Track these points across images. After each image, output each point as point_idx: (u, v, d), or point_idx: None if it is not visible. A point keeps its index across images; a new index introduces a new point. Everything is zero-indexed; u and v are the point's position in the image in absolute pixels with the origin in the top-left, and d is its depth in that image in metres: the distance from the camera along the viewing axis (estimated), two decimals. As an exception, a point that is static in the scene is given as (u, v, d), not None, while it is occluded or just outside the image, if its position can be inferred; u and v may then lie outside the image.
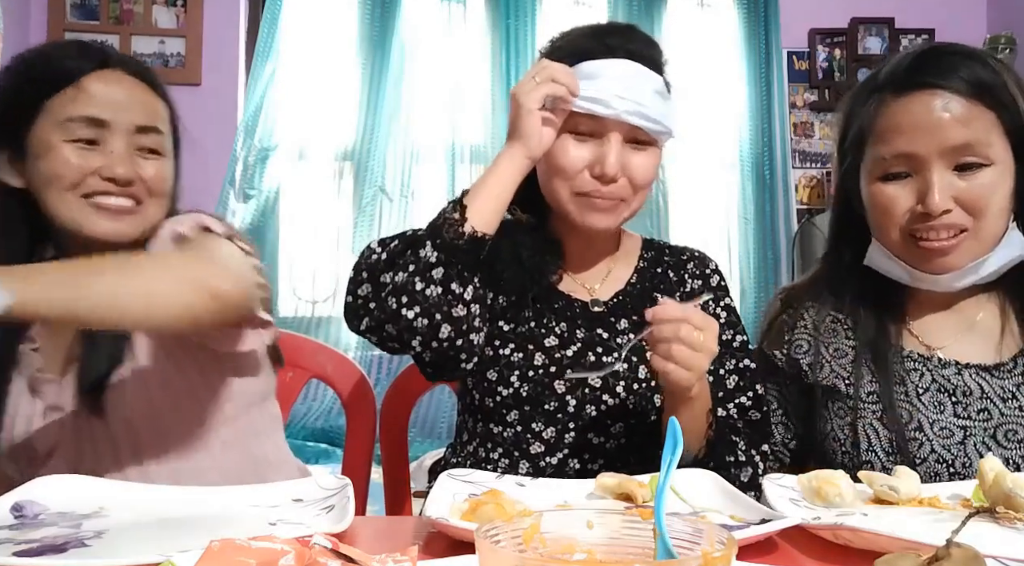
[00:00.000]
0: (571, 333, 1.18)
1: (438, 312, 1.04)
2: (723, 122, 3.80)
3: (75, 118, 1.04)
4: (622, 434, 1.15)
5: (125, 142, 1.06)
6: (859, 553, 0.75)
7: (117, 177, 1.04)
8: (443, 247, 1.06)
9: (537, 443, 1.15)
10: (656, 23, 3.78)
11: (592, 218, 1.15)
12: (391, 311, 1.04)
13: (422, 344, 1.06)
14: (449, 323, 1.05)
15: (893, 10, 3.88)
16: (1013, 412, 1.06)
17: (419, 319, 1.04)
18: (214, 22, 3.59)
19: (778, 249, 3.73)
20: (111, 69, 1.08)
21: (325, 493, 0.93)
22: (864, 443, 1.09)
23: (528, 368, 1.15)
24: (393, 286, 1.05)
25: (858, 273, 1.15)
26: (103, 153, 1.05)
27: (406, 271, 1.05)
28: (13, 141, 1.06)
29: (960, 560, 0.57)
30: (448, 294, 1.05)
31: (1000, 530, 0.82)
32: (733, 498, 0.92)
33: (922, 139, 1.02)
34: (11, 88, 1.07)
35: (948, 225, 1.03)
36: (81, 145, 1.04)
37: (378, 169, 3.62)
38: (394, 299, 1.04)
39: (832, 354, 1.15)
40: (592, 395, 1.15)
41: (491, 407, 1.17)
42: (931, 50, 1.08)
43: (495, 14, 3.73)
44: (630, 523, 0.57)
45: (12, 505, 0.85)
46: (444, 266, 1.05)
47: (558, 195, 1.16)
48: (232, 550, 0.58)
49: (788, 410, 1.20)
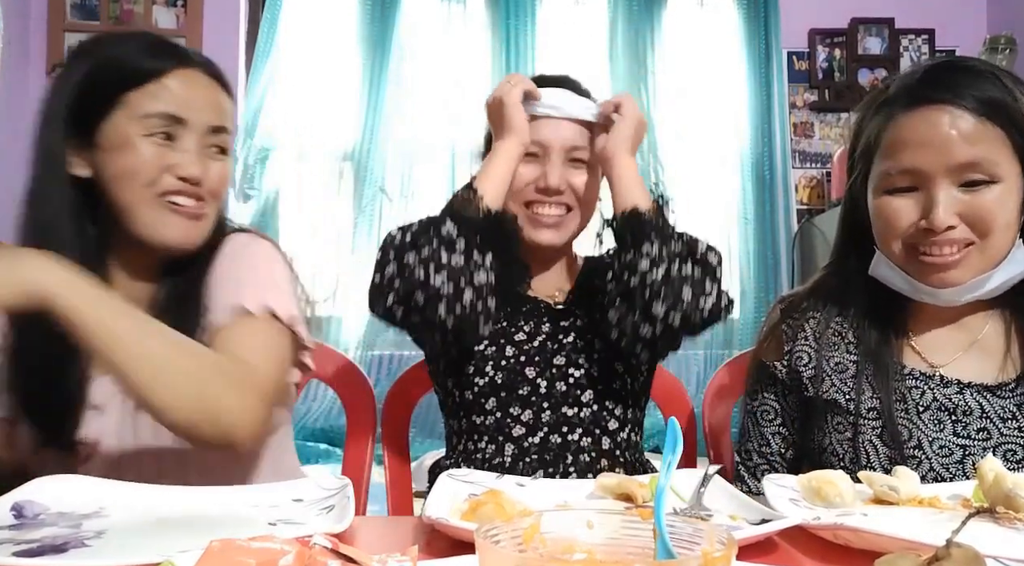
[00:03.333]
0: (537, 328, 1.34)
1: (462, 277, 1.18)
2: (723, 122, 3.80)
3: (155, 114, 1.04)
4: (593, 401, 1.30)
5: (198, 141, 1.07)
6: (859, 553, 0.75)
7: (190, 176, 1.05)
8: (462, 223, 1.21)
9: (518, 425, 1.27)
10: (656, 23, 3.78)
11: (539, 234, 1.33)
12: (420, 281, 1.16)
13: (447, 309, 1.17)
14: (472, 288, 1.18)
15: (893, 10, 3.88)
16: (1013, 432, 1.06)
17: (446, 285, 1.16)
18: (214, 22, 3.59)
19: (778, 249, 3.73)
20: (191, 68, 1.08)
21: (325, 493, 0.93)
22: (863, 459, 1.09)
23: (501, 359, 1.29)
24: (420, 259, 1.17)
25: (863, 284, 1.15)
26: (177, 150, 1.05)
27: (431, 245, 1.18)
28: (83, 130, 1.05)
29: (960, 560, 0.57)
30: (470, 262, 1.19)
31: (1000, 530, 0.82)
32: (733, 498, 0.92)
33: (929, 155, 1.02)
34: (87, 78, 1.06)
35: (952, 240, 1.02)
36: (158, 141, 1.04)
37: (378, 169, 3.63)
38: (422, 269, 1.16)
39: (833, 368, 1.14)
40: (560, 372, 1.30)
41: (471, 399, 1.29)
42: (942, 65, 1.07)
43: (495, 14, 3.73)
44: (630, 523, 0.57)
45: (12, 505, 0.85)
46: (465, 238, 1.20)
47: (509, 205, 1.31)
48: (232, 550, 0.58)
49: (785, 421, 1.19)
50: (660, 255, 1.20)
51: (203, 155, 1.08)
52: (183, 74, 1.07)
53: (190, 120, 1.06)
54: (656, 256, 1.19)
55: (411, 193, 3.65)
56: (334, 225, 3.63)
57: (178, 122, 1.06)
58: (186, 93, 1.07)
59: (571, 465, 1.26)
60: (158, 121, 1.05)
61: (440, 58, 3.69)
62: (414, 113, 3.67)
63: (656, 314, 1.18)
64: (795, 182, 3.83)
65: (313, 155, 3.66)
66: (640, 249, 1.21)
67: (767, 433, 1.20)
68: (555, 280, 1.41)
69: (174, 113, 1.05)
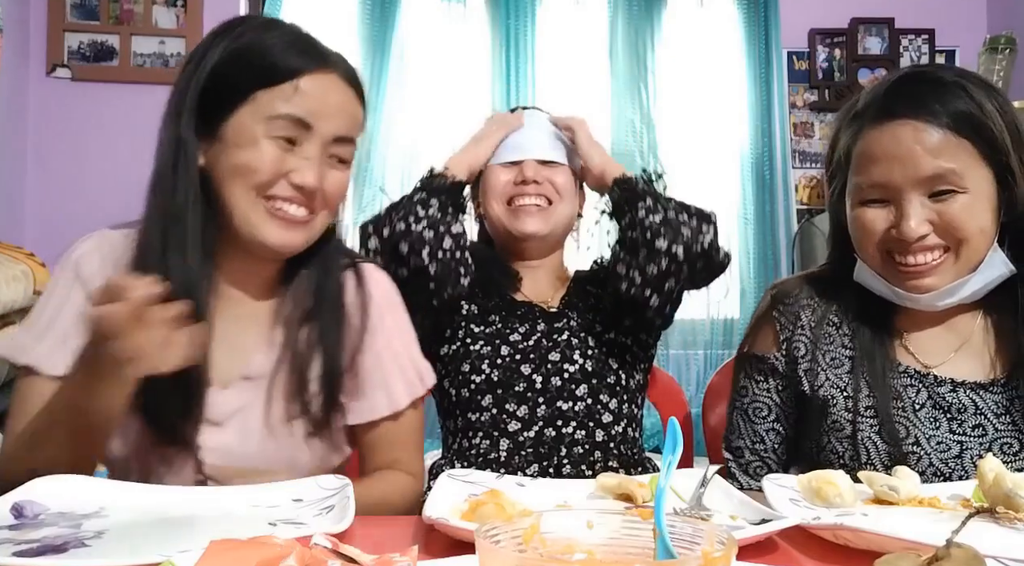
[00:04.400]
0: (532, 328, 1.39)
1: (441, 225, 1.30)
2: (723, 122, 3.79)
3: (282, 116, 1.00)
4: (587, 395, 1.34)
5: (320, 149, 1.03)
6: (859, 553, 0.75)
7: (306, 184, 1.01)
8: (431, 190, 1.36)
9: (513, 421, 1.31)
10: (656, 23, 3.78)
11: (523, 224, 1.42)
12: (402, 230, 1.29)
13: (430, 254, 1.28)
14: (450, 236, 1.31)
15: (893, 10, 3.87)
16: (1007, 427, 1.08)
17: (427, 231, 1.29)
18: (214, 22, 3.52)
19: (778, 249, 3.72)
20: (329, 72, 1.03)
21: (325, 493, 0.93)
22: (863, 456, 1.09)
23: (496, 357, 1.35)
24: (400, 214, 1.30)
25: (852, 287, 1.17)
26: (298, 156, 1.01)
27: (407, 209, 1.32)
28: (209, 119, 1.01)
29: (960, 560, 0.58)
30: (445, 215, 1.33)
31: (1000, 530, 0.82)
32: (733, 498, 0.92)
33: (896, 169, 1.05)
34: (222, 65, 1.02)
35: (926, 247, 1.06)
36: (281, 144, 1.00)
37: (378, 169, 3.62)
38: (402, 221, 1.29)
39: (828, 363, 1.15)
40: (555, 367, 1.34)
41: (467, 396, 1.33)
42: (909, 77, 1.09)
43: (495, 14, 3.72)
44: (630, 523, 0.57)
45: (12, 505, 0.85)
46: (437, 199, 1.34)
47: (493, 211, 1.45)
48: (232, 550, 0.58)
49: (779, 416, 1.20)
50: (655, 205, 1.31)
51: (323, 164, 1.03)
52: (319, 78, 1.02)
53: (316, 127, 1.02)
54: (652, 205, 1.31)
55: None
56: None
57: (304, 127, 1.01)
58: (318, 99, 1.01)
59: (565, 458, 1.28)
60: (284, 124, 1.00)
61: (440, 58, 3.69)
62: (414, 113, 3.66)
63: (659, 248, 1.27)
64: (795, 182, 3.83)
65: (313, 155, 3.66)
66: (636, 206, 1.32)
67: (760, 430, 1.20)
68: (546, 288, 1.48)
69: (302, 117, 1.01)
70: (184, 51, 3.53)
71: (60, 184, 3.39)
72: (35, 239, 3.11)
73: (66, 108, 3.44)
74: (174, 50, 3.53)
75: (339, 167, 1.06)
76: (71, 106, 3.44)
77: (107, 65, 3.49)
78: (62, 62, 3.46)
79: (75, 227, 1.22)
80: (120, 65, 3.49)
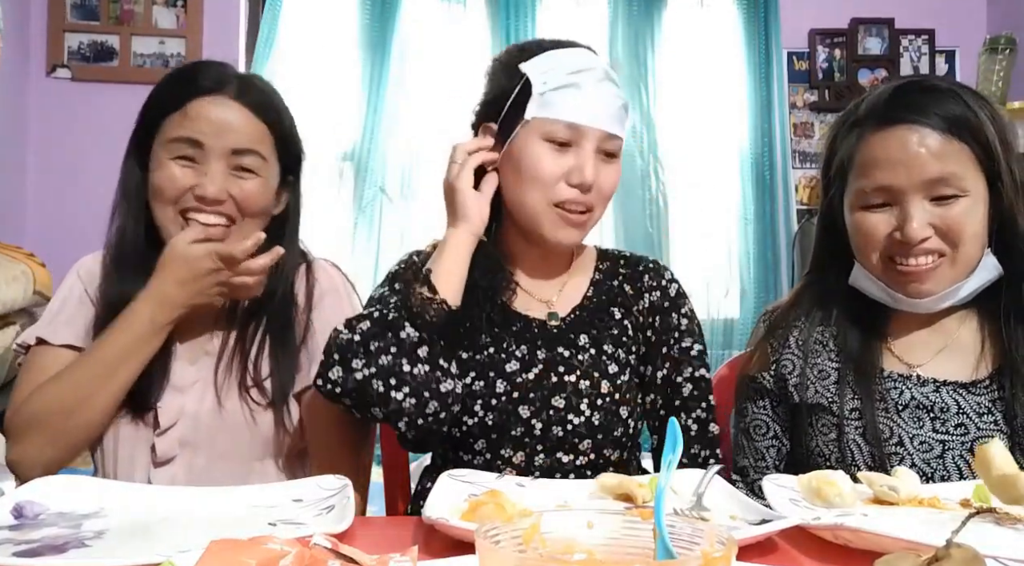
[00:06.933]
0: (532, 355, 1.18)
1: (426, 390, 1.05)
2: (723, 122, 3.80)
3: (177, 138, 1.14)
4: (591, 450, 1.16)
5: (221, 163, 1.15)
6: (859, 553, 0.75)
7: (207, 195, 1.13)
8: (424, 325, 1.07)
9: (508, 468, 1.15)
10: (656, 23, 3.78)
11: (562, 233, 1.16)
12: (378, 394, 1.03)
13: (408, 424, 1.06)
14: (436, 400, 1.06)
15: (893, 10, 3.88)
16: (989, 426, 1.10)
17: (408, 399, 1.04)
18: (214, 22, 3.59)
19: (778, 249, 3.73)
20: (217, 95, 1.16)
21: (325, 493, 0.93)
22: (849, 457, 1.12)
23: (491, 396, 1.15)
24: (378, 369, 1.03)
25: (843, 293, 1.20)
26: (199, 172, 1.14)
27: (388, 354, 1.04)
28: (144, 154, 1.18)
29: (960, 560, 0.58)
30: (436, 370, 1.07)
31: (1000, 530, 0.82)
32: (733, 498, 0.92)
33: (900, 173, 1.07)
34: (145, 109, 1.19)
35: (926, 250, 1.08)
36: (182, 163, 1.14)
37: (378, 169, 3.63)
38: (381, 382, 1.03)
39: (816, 375, 1.19)
40: (557, 416, 1.15)
41: (459, 437, 1.17)
42: (908, 86, 1.13)
43: (495, 14, 3.73)
44: (630, 523, 0.57)
45: (12, 505, 0.85)
46: (428, 344, 1.07)
47: (533, 206, 1.15)
48: (232, 550, 0.58)
49: (777, 432, 1.23)
50: None
51: (227, 176, 1.15)
52: (206, 101, 1.15)
53: (208, 144, 1.14)
54: None
55: (411, 193, 3.65)
56: (334, 225, 3.63)
57: (197, 145, 1.14)
58: (205, 119, 1.14)
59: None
60: (179, 145, 1.14)
61: (440, 58, 3.69)
62: (414, 113, 3.66)
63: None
64: (795, 182, 3.83)
65: (313, 155, 3.65)
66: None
67: (761, 447, 1.23)
68: (551, 286, 1.25)
69: (192, 137, 1.14)
70: (184, 51, 3.53)
71: (60, 184, 3.39)
72: (35, 239, 3.11)
73: (66, 108, 3.44)
74: (174, 50, 3.54)
75: (246, 176, 1.17)
76: (71, 106, 3.45)
77: (107, 65, 3.49)
78: (62, 62, 3.47)
79: (75, 227, 1.25)
80: (120, 65, 3.50)
